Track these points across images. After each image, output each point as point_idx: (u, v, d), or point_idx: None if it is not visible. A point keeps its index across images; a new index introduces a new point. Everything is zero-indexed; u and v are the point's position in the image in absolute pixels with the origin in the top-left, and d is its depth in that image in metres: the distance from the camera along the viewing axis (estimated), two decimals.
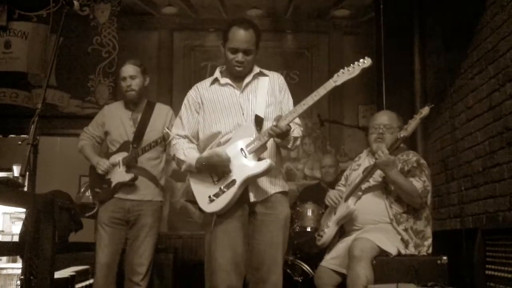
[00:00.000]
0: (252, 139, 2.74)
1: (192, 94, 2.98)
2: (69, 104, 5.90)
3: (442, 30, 4.88)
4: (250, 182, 2.76)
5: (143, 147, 3.64)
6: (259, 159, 2.74)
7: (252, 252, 2.79)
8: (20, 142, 2.47)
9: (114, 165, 3.71)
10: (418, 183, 3.27)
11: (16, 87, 5.88)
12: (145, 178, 3.72)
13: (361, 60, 2.69)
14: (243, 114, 2.84)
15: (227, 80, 2.92)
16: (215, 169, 2.76)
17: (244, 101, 2.87)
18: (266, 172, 2.74)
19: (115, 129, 3.80)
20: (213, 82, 2.95)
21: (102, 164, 3.70)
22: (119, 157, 3.72)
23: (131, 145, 3.70)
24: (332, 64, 6.07)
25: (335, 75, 2.69)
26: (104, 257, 3.63)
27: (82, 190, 4.47)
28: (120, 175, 3.69)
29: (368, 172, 3.35)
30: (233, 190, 2.72)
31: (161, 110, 3.84)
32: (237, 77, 2.91)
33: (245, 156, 2.73)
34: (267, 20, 6.16)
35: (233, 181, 2.73)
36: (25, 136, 2.41)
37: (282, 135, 2.68)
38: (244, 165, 2.73)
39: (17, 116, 5.65)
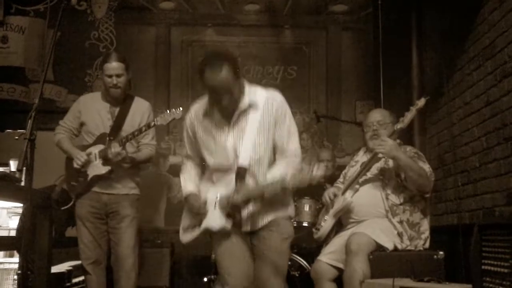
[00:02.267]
0: (228, 194, 2.64)
1: (187, 123, 2.81)
2: (67, 99, 5.87)
3: (440, 26, 4.88)
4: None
5: (127, 135, 3.58)
6: (227, 215, 2.65)
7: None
8: (17, 137, 2.47)
9: (90, 158, 3.65)
10: (425, 165, 3.31)
11: (13, 81, 5.87)
12: (121, 172, 3.68)
13: None
14: (232, 160, 2.68)
15: (217, 117, 2.69)
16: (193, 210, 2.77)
17: (234, 142, 2.68)
18: (220, 230, 2.68)
19: (91, 120, 3.74)
20: (205, 113, 2.73)
21: (80, 158, 3.63)
22: (95, 150, 3.65)
23: (107, 138, 3.64)
24: (330, 60, 6.05)
25: None
26: (90, 252, 3.63)
27: (57, 184, 4.37)
28: (96, 168, 3.64)
29: (366, 166, 3.37)
30: (194, 233, 2.76)
31: (140, 106, 3.80)
32: (226, 108, 2.66)
33: (215, 207, 2.67)
34: (265, 15, 6.13)
35: (198, 226, 2.74)
36: (23, 131, 2.41)
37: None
38: (209, 216, 2.69)
39: (14, 111, 5.63)
